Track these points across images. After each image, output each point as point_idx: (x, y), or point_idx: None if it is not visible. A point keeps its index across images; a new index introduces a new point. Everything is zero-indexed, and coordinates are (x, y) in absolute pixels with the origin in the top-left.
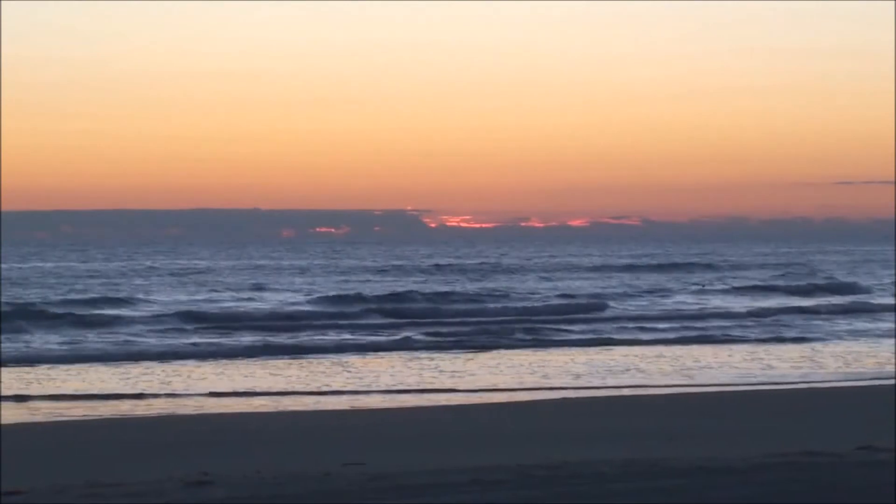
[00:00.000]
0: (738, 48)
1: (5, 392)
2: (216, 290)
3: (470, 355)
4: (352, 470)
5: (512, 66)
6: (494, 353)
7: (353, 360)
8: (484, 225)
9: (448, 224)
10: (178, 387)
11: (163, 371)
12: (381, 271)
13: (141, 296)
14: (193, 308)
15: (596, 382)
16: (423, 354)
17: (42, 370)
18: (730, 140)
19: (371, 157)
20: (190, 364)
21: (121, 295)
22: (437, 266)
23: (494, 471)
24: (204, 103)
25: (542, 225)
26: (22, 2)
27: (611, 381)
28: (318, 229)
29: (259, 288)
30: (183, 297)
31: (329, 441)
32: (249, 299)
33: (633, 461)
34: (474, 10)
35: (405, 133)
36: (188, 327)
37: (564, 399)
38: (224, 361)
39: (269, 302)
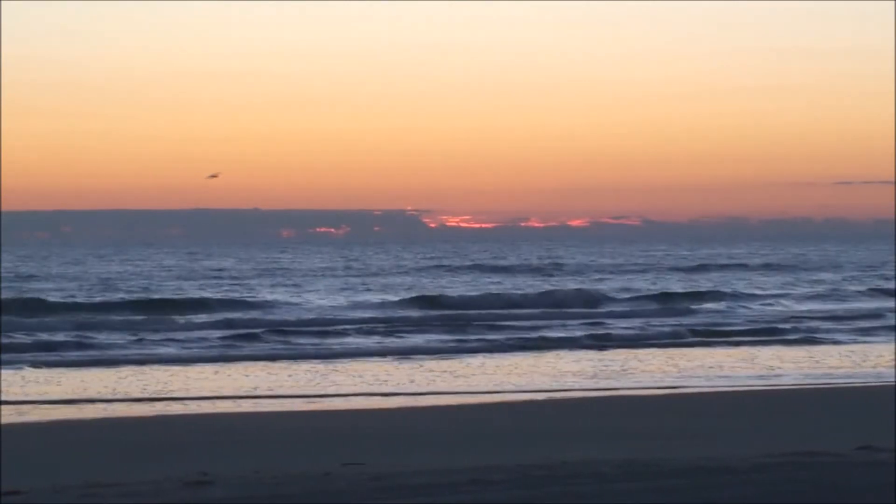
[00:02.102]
0: (737, 49)
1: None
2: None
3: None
4: (351, 470)
5: (512, 66)
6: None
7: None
8: (484, 225)
9: (448, 224)
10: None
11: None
12: (458, 269)
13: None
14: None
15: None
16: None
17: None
18: (730, 140)
19: (371, 157)
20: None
21: (272, 297)
22: (518, 265)
23: (494, 471)
24: (204, 103)
25: (541, 225)
26: (22, 2)
27: None
28: (318, 229)
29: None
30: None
31: (329, 441)
32: (442, 294)
33: (632, 461)
34: (474, 10)
35: (405, 133)
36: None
37: (563, 399)
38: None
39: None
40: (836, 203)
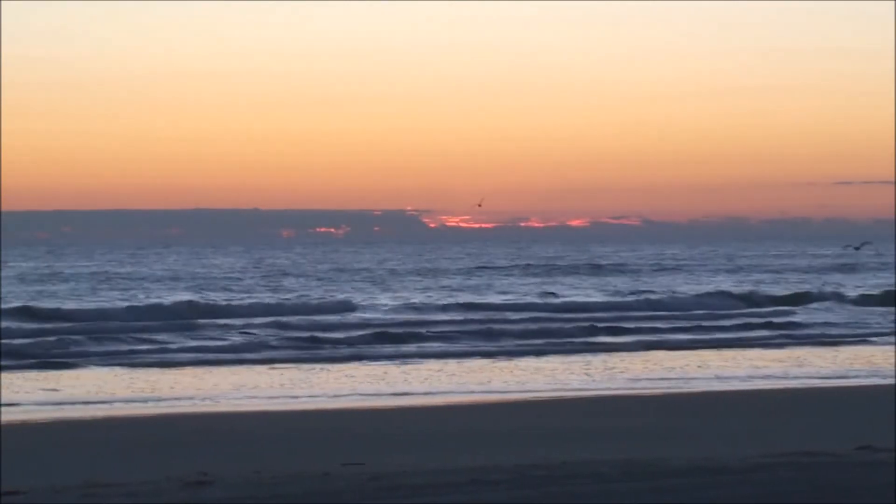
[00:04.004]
0: (737, 49)
1: None
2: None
3: None
4: (351, 470)
5: (512, 67)
6: None
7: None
8: (484, 225)
9: (448, 224)
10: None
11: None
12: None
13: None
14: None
15: None
16: None
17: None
18: (730, 140)
19: (371, 157)
20: None
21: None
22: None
23: (493, 471)
24: (203, 103)
25: (541, 225)
26: (22, 1)
27: None
28: (317, 229)
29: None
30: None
31: (329, 441)
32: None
33: (631, 461)
34: (475, 10)
35: (405, 133)
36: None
37: (563, 399)
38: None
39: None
40: (836, 203)
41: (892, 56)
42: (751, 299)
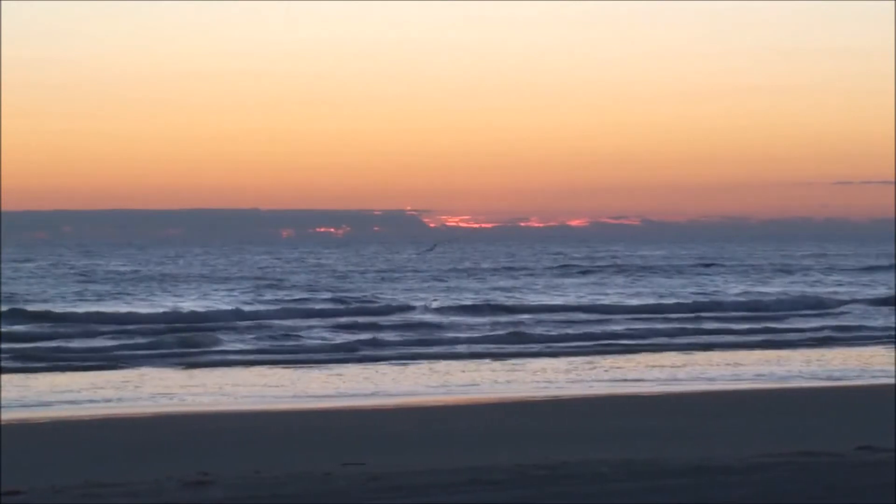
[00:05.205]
0: (737, 49)
1: None
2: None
3: None
4: (352, 470)
5: (512, 67)
6: None
7: None
8: (483, 225)
9: (448, 224)
10: None
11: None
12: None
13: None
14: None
15: None
16: None
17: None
18: (730, 140)
19: (371, 157)
20: None
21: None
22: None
23: (493, 471)
24: (203, 103)
25: (541, 225)
26: (22, 1)
27: None
28: (317, 229)
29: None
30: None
31: (329, 441)
32: None
33: (631, 461)
34: (475, 10)
35: (405, 133)
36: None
37: (563, 399)
38: None
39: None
40: (836, 203)
41: (892, 56)
42: (820, 300)
